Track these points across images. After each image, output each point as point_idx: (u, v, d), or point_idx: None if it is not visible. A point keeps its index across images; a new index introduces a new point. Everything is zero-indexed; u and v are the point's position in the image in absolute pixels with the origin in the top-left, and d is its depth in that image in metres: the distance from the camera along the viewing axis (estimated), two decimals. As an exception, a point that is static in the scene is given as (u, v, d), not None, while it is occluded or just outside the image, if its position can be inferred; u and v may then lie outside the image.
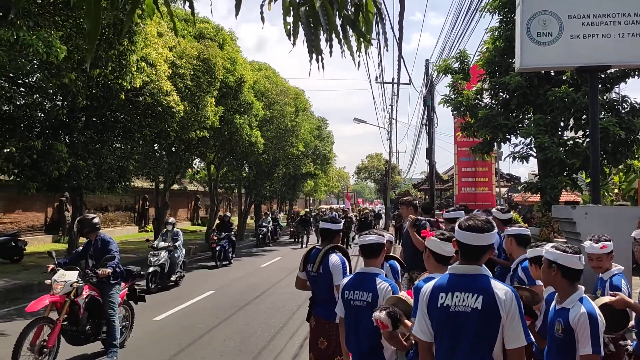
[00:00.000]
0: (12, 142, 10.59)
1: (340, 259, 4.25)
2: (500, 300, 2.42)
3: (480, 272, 2.56)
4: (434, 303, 2.58)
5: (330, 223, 4.46)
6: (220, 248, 15.76)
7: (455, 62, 11.61)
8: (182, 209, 34.02)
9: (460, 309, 2.49)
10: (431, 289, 2.64)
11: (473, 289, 2.49)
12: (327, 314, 4.22)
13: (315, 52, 1.89)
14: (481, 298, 2.45)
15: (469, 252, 2.59)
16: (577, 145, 9.60)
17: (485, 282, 2.50)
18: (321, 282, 4.28)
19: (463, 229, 2.61)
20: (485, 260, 2.63)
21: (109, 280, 6.62)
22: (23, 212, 18.88)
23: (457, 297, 2.50)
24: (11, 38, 7.31)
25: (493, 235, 2.61)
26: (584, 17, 6.55)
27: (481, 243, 2.56)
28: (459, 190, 16.88)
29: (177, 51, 14.05)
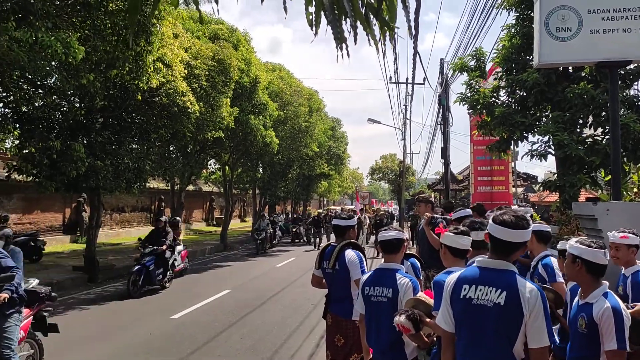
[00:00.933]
0: (32, 142, 10.73)
1: (356, 254, 4.26)
2: (524, 297, 2.38)
3: (508, 267, 2.51)
4: (457, 294, 2.57)
5: (341, 219, 4.49)
6: (137, 270, 10.99)
7: (471, 59, 11.50)
8: (197, 209, 34.22)
9: (482, 303, 2.46)
10: (456, 280, 2.62)
11: (497, 284, 2.45)
12: (343, 312, 4.24)
13: (340, 40, 1.88)
14: (505, 294, 2.41)
15: (500, 247, 2.54)
16: (596, 143, 9.44)
17: (511, 278, 2.46)
18: (337, 279, 4.28)
19: (496, 223, 2.55)
20: (516, 258, 2.59)
21: (2, 309, 4.85)
22: (42, 213, 19.13)
23: (481, 291, 2.48)
24: (30, 39, 7.40)
25: (528, 232, 2.54)
26: (604, 11, 6.45)
27: (513, 239, 2.50)
28: (475, 190, 16.72)
29: (192, 52, 14.14)
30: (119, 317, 9.00)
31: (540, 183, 12.44)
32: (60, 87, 10.76)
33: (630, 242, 3.75)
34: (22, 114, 11.03)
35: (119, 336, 7.75)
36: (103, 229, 20.28)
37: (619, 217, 5.05)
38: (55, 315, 9.11)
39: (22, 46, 7.44)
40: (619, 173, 6.39)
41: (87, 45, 9.14)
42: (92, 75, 9.38)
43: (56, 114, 11.61)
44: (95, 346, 7.27)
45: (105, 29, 9.56)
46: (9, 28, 7.17)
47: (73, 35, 8.39)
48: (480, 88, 10.88)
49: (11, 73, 9.31)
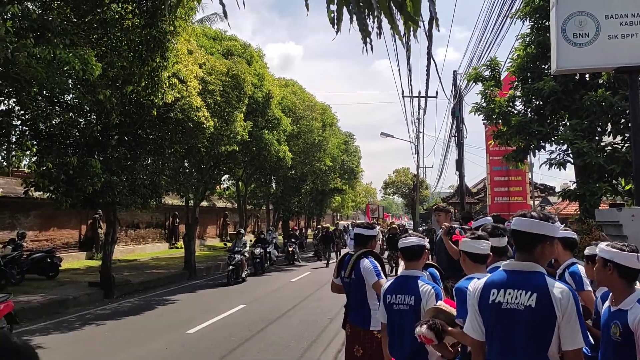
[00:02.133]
0: (49, 158, 10.84)
1: (371, 261, 4.23)
2: (556, 298, 2.29)
3: (536, 269, 2.41)
4: (485, 300, 2.47)
5: (363, 229, 4.48)
6: None
7: (485, 69, 11.45)
8: (211, 225, 34.25)
9: (512, 306, 2.36)
10: (483, 285, 2.53)
11: (527, 286, 2.36)
12: (360, 321, 4.21)
13: (365, 33, 1.84)
14: (535, 296, 2.31)
15: (522, 240, 2.47)
16: (616, 151, 9.31)
17: (541, 279, 2.37)
18: (354, 288, 4.26)
19: (516, 216, 2.54)
20: (542, 255, 2.47)
21: None
22: (58, 230, 19.26)
23: (510, 294, 2.39)
24: (48, 55, 7.50)
25: (551, 226, 2.45)
26: (622, 16, 6.39)
27: (534, 230, 2.42)
28: (492, 201, 16.55)
29: (206, 68, 14.26)
30: (135, 332, 8.96)
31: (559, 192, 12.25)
32: (77, 104, 10.90)
33: None
34: (40, 131, 11.18)
35: (134, 350, 7.70)
36: (118, 245, 20.35)
37: (645, 223, 4.93)
38: (71, 330, 9.13)
39: (40, 63, 7.55)
40: (641, 180, 6.26)
41: (103, 61, 9.26)
42: (108, 91, 9.48)
43: (73, 130, 11.73)
44: (112, 361, 7.23)
45: (121, 46, 9.68)
46: (28, 45, 7.27)
47: (90, 52, 8.50)
48: (495, 98, 10.81)
49: (29, 90, 9.45)
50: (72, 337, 8.66)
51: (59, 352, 7.66)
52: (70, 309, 11.10)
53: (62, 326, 9.48)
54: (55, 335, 8.80)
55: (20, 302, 10.62)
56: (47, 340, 8.36)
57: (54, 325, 9.60)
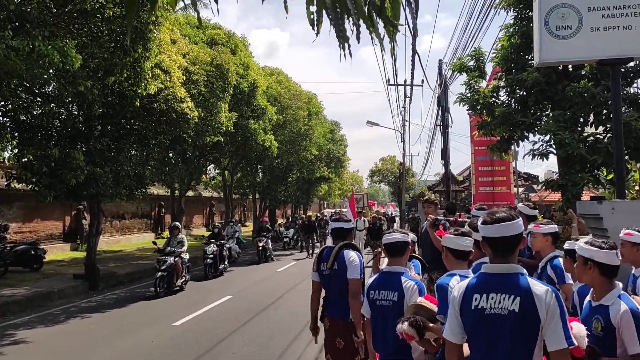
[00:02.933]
0: (30, 150, 10.68)
1: (357, 255, 4.24)
2: (539, 300, 2.25)
3: (517, 270, 2.37)
4: (467, 305, 2.42)
5: (342, 222, 4.48)
6: None
7: (470, 60, 11.47)
8: (197, 215, 34.13)
9: (496, 311, 2.32)
10: (464, 290, 2.47)
11: (509, 290, 2.31)
12: (340, 314, 4.20)
13: (343, 39, 1.83)
14: (519, 299, 2.27)
15: (500, 246, 2.42)
16: (598, 141, 9.41)
17: (523, 282, 2.32)
18: (335, 279, 4.23)
19: (488, 223, 2.43)
20: (517, 253, 2.46)
21: None
22: (41, 221, 19.05)
23: (493, 299, 2.34)
24: (27, 48, 7.36)
25: (521, 224, 2.44)
26: (604, 9, 6.41)
27: (511, 232, 2.39)
28: (476, 190, 16.69)
29: (190, 57, 14.11)
30: (121, 325, 8.93)
31: (541, 183, 12.38)
32: (58, 95, 10.72)
33: (634, 239, 3.69)
34: (21, 123, 10.99)
35: (120, 343, 7.68)
36: (103, 236, 20.20)
37: (625, 216, 5.00)
38: (56, 323, 9.07)
39: (19, 55, 7.40)
40: (622, 171, 6.35)
41: (84, 52, 9.11)
42: (89, 83, 9.33)
43: (54, 121, 11.56)
44: (96, 354, 7.21)
45: (102, 36, 9.52)
46: (6, 37, 7.13)
47: (70, 42, 8.36)
48: (480, 89, 10.85)
49: (9, 82, 9.26)
50: (57, 330, 8.61)
51: (44, 346, 7.62)
52: (55, 302, 11.03)
53: (47, 319, 9.42)
54: (40, 329, 8.74)
55: (4, 296, 10.53)
56: (32, 334, 8.31)
57: (39, 318, 9.53)
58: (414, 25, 2.13)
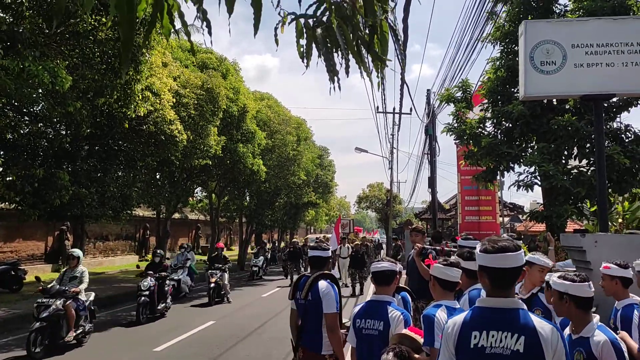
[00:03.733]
0: (14, 169, 10.59)
1: (331, 286, 4.09)
2: (544, 340, 2.09)
3: (517, 305, 2.21)
4: (465, 343, 2.22)
5: (320, 250, 4.33)
6: None
7: (457, 91, 11.69)
8: (182, 237, 33.82)
9: (497, 351, 2.14)
10: (460, 326, 2.27)
11: (512, 327, 2.14)
12: (313, 345, 4.07)
13: (332, 73, 1.87)
14: (523, 339, 2.10)
15: (501, 278, 2.23)
16: (581, 174, 9.57)
17: (525, 319, 2.16)
18: (310, 310, 4.09)
19: (490, 252, 2.24)
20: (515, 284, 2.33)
21: None
22: (23, 241, 18.75)
23: (494, 337, 2.15)
24: (17, 67, 7.37)
25: (523, 255, 2.29)
26: (588, 46, 6.61)
27: (515, 264, 2.22)
28: (462, 219, 16.79)
29: (181, 81, 14.19)
30: (101, 349, 8.73)
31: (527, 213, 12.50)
32: (46, 115, 10.71)
33: (611, 272, 3.74)
34: (6, 141, 10.92)
35: (99, 370, 7.49)
36: (86, 257, 19.90)
37: (607, 248, 5.06)
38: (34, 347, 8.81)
39: (9, 74, 7.40)
40: (605, 205, 6.45)
41: (75, 73, 9.14)
42: (79, 103, 9.34)
43: (41, 141, 11.52)
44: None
45: (94, 57, 9.57)
46: (-4, 56, 7.15)
47: (61, 63, 8.39)
48: (467, 119, 11.03)
49: (-3, 100, 9.25)
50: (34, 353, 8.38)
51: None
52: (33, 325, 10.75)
53: (24, 343, 9.16)
54: (17, 351, 8.51)
55: (-20, 318, 10.25)
56: (9, 357, 8.09)
57: (16, 341, 9.27)
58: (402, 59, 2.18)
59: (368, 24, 1.98)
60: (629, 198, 12.24)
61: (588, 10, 9.38)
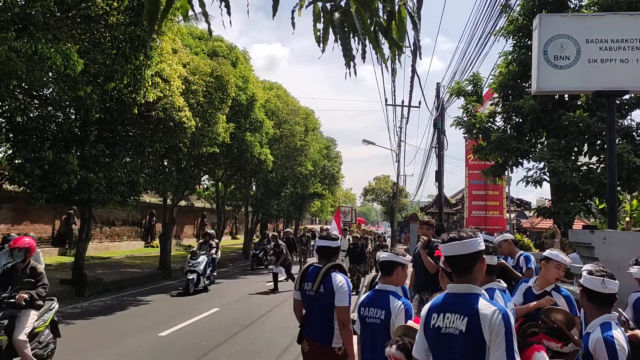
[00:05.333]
0: (24, 152, 10.63)
1: (345, 279, 4.03)
2: (484, 320, 2.22)
3: (471, 290, 2.38)
4: (427, 323, 2.46)
5: (329, 240, 4.26)
6: None
7: (468, 84, 11.60)
8: (188, 225, 33.96)
9: (450, 331, 2.33)
10: (427, 309, 2.52)
11: (461, 310, 2.32)
12: (321, 337, 4.01)
13: (349, 57, 1.85)
14: (466, 320, 2.27)
15: (456, 264, 2.44)
16: (591, 171, 9.50)
17: (473, 302, 2.31)
18: (320, 302, 4.00)
19: (444, 242, 2.49)
20: (479, 273, 2.44)
21: None
22: (31, 224, 18.89)
23: (448, 319, 2.36)
24: (30, 50, 7.37)
25: (476, 242, 2.42)
26: (602, 41, 6.54)
27: (464, 251, 2.39)
28: (469, 214, 16.73)
29: (190, 68, 14.16)
30: (105, 333, 8.82)
31: (534, 209, 12.45)
32: (56, 99, 10.73)
33: None
34: (16, 124, 10.96)
35: (104, 352, 7.58)
36: (92, 242, 20.04)
37: (616, 246, 5.03)
38: (40, 329, 8.92)
39: (21, 56, 7.41)
40: (615, 202, 6.41)
41: (86, 57, 9.14)
42: (89, 88, 9.34)
43: (51, 125, 11.53)
44: (80, 363, 7.10)
45: (105, 42, 9.57)
46: (9, 38, 7.15)
47: (72, 47, 8.38)
48: (477, 113, 10.97)
49: (8, 82, 9.26)
50: (40, 336, 8.47)
51: (25, 352, 7.48)
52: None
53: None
54: (22, 333, 8.61)
55: (-12, 298, 10.36)
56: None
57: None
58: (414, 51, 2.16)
59: (386, 9, 1.96)
60: (638, 197, 12.16)
61: (603, 6, 9.27)
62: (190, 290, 13.20)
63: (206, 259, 14.06)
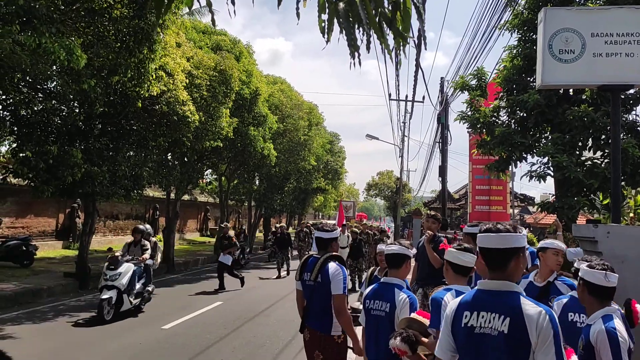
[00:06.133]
0: (29, 146, 10.66)
1: (340, 268, 4.11)
2: (530, 322, 2.09)
3: (511, 288, 2.23)
4: (458, 322, 2.31)
5: (323, 232, 4.37)
6: None
7: (472, 79, 11.56)
8: (191, 219, 34.04)
9: (486, 331, 2.19)
10: (456, 307, 2.36)
11: (500, 309, 2.18)
12: (321, 327, 4.10)
13: (354, 48, 1.85)
14: (508, 320, 2.13)
15: (491, 258, 2.29)
16: (595, 166, 9.46)
17: (515, 301, 2.17)
18: (319, 291, 4.10)
19: (482, 232, 2.34)
20: (516, 270, 2.29)
21: None
22: (35, 217, 18.96)
23: (483, 318, 2.21)
24: (33, 43, 7.37)
25: (521, 237, 2.29)
26: (607, 35, 6.49)
27: (503, 245, 2.25)
28: (472, 209, 16.73)
29: (194, 62, 14.16)
30: (109, 326, 8.86)
31: (537, 204, 12.42)
32: (60, 92, 10.74)
33: None
34: (21, 118, 10.98)
35: (107, 344, 7.62)
36: (96, 235, 20.09)
37: (620, 240, 5.01)
38: (44, 321, 9.00)
39: (25, 50, 7.41)
40: (619, 196, 6.38)
41: (89, 51, 9.14)
42: (93, 81, 9.34)
43: (55, 118, 11.55)
44: (82, 353, 7.15)
45: (108, 36, 9.57)
46: (13, 31, 7.14)
47: (76, 41, 8.37)
48: (480, 107, 10.93)
49: (12, 76, 9.27)
50: (44, 328, 8.55)
51: (29, 343, 7.55)
52: (43, 299, 10.95)
53: (34, 316, 9.35)
54: (27, 325, 8.67)
55: (-7, 291, 10.44)
56: (19, 330, 8.24)
57: (26, 315, 9.45)
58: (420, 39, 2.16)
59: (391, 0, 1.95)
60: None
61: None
62: (106, 315, 8.89)
63: (132, 268, 9.72)
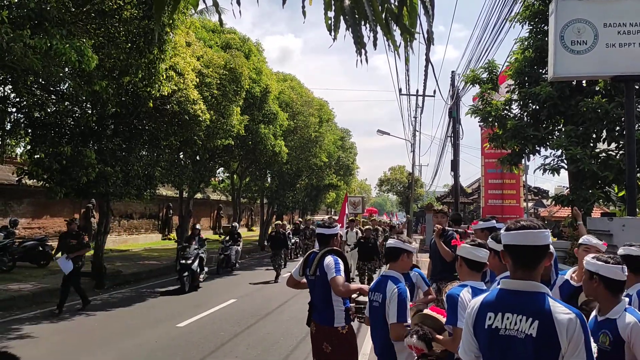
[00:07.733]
0: (43, 147, 10.79)
1: (333, 257, 4.28)
2: (560, 326, 2.01)
3: (538, 289, 2.14)
4: (481, 323, 2.22)
5: (324, 228, 4.57)
6: None
7: (483, 72, 11.46)
8: (204, 217, 34.23)
9: (511, 333, 2.11)
10: (479, 306, 2.27)
11: (528, 311, 2.09)
12: (324, 320, 4.29)
13: (360, 45, 1.84)
14: (537, 323, 2.05)
15: (523, 256, 2.18)
16: (610, 158, 9.34)
17: (543, 303, 2.08)
18: (319, 285, 4.31)
19: (513, 230, 2.22)
20: (542, 270, 2.21)
21: None
22: (51, 218, 19.20)
23: (508, 319, 2.13)
24: (45, 46, 7.44)
25: (548, 235, 2.21)
26: (620, 25, 6.41)
27: (537, 242, 2.16)
28: (485, 203, 16.61)
29: (204, 60, 14.21)
30: (125, 324, 8.96)
31: (551, 197, 12.30)
32: (73, 93, 10.84)
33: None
34: (35, 120, 11.11)
35: (124, 343, 7.70)
36: (111, 235, 20.31)
37: (635, 232, 4.96)
38: (61, 320, 9.12)
39: (36, 53, 7.49)
40: (634, 189, 6.31)
41: (101, 52, 9.21)
42: (105, 82, 9.43)
43: (68, 119, 11.68)
44: (99, 351, 7.23)
45: (119, 37, 9.63)
46: (24, 35, 7.22)
47: (87, 42, 8.44)
48: (492, 100, 10.84)
49: (25, 79, 9.37)
50: (62, 327, 8.66)
51: (47, 342, 7.66)
52: (60, 299, 11.07)
53: (52, 316, 9.47)
54: (44, 324, 8.79)
55: (11, 290, 10.61)
56: (37, 329, 8.36)
57: (44, 314, 9.58)
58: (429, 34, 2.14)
59: (397, -5, 1.94)
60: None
61: (622, -11, 9.06)
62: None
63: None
